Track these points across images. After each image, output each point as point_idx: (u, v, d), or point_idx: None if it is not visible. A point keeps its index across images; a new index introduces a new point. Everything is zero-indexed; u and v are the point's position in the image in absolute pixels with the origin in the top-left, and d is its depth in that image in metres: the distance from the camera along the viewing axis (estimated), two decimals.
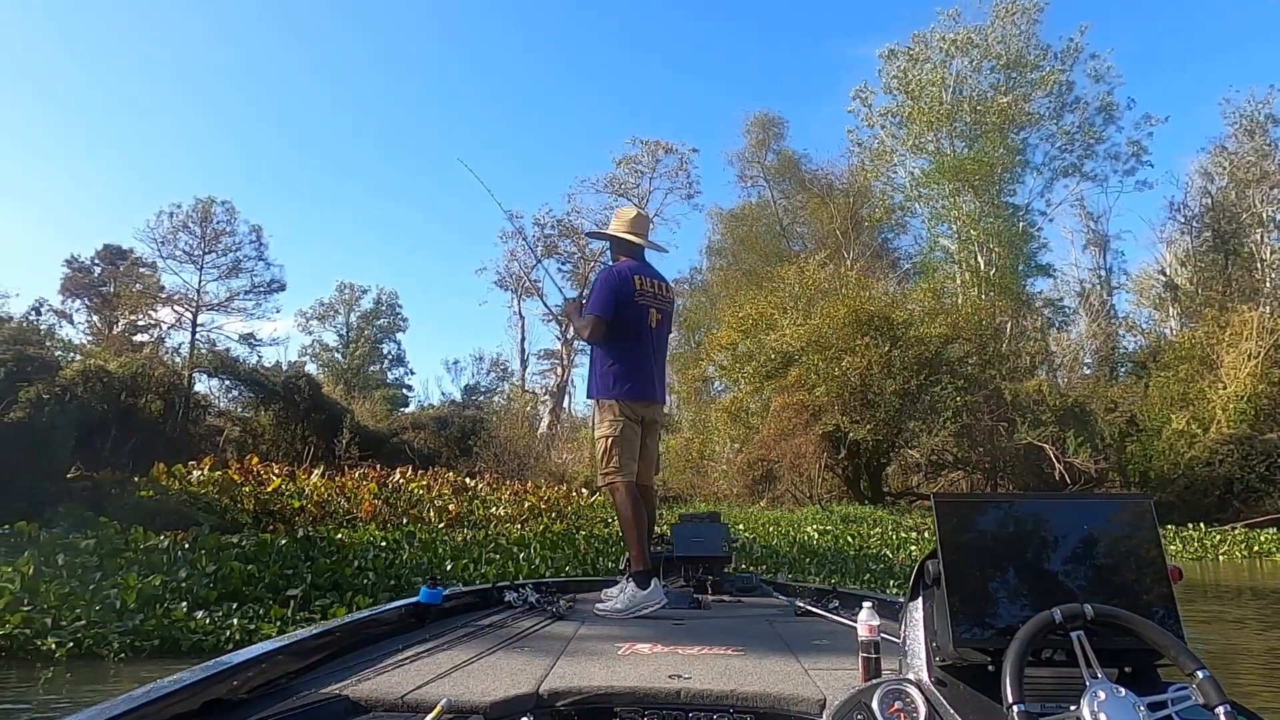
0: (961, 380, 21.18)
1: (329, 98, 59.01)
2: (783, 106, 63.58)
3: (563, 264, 36.53)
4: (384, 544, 9.13)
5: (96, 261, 30.93)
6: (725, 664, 2.13)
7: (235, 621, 5.75)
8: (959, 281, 28.86)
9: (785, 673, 2.03)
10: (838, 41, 56.59)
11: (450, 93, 59.88)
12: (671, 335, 4.43)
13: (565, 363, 38.01)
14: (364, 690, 1.80)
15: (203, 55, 52.85)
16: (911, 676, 1.56)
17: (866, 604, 1.82)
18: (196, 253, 25.19)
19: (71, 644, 5.11)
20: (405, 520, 12.13)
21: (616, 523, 12.22)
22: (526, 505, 14.27)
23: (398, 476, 15.19)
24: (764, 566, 9.05)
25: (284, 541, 8.54)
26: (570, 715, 1.83)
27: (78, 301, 30.40)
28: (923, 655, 1.54)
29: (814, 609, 3.15)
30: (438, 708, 1.53)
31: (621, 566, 3.81)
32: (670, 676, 1.95)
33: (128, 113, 51.85)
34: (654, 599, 3.25)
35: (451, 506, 13.26)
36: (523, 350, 39.49)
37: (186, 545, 7.84)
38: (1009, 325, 27.33)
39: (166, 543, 7.85)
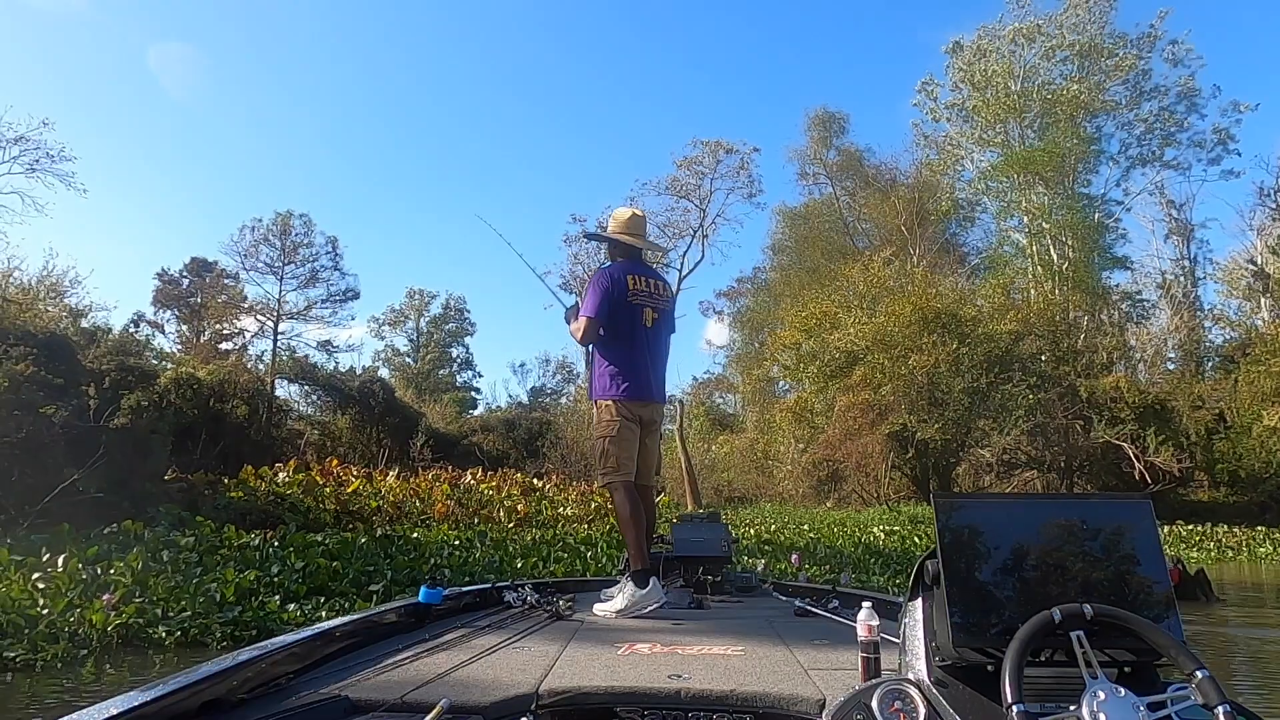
0: (1034, 378, 20.66)
1: (395, 113, 60.79)
2: (849, 102, 62.78)
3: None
4: (457, 543, 9.52)
5: (184, 274, 32.61)
6: (725, 664, 2.13)
7: (324, 614, 6.11)
8: (1030, 276, 28.05)
9: (785, 673, 2.03)
10: (907, 32, 55.50)
11: (514, 99, 60.99)
12: (733, 335, 4.46)
13: None
14: (363, 690, 1.79)
15: (277, 77, 55.17)
16: (911, 676, 1.55)
17: (866, 604, 1.82)
18: (277, 264, 26.28)
19: (179, 633, 5.55)
20: (476, 520, 12.56)
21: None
22: (593, 505, 14.55)
23: (469, 478, 15.66)
24: (827, 567, 9.09)
25: (364, 540, 9.01)
26: (570, 715, 1.83)
27: (168, 312, 32.11)
28: (922, 655, 1.54)
29: (814, 609, 3.13)
30: (437, 708, 1.50)
31: (620, 567, 3.80)
32: (670, 676, 1.95)
33: (211, 131, 54.45)
34: (653, 598, 3.24)
35: (520, 507, 13.63)
36: (587, 352, 39.98)
37: (276, 543, 8.35)
38: (1085, 320, 26.46)
39: (257, 541, 8.37)
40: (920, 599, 1.58)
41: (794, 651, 2.33)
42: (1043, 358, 21.83)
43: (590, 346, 3.86)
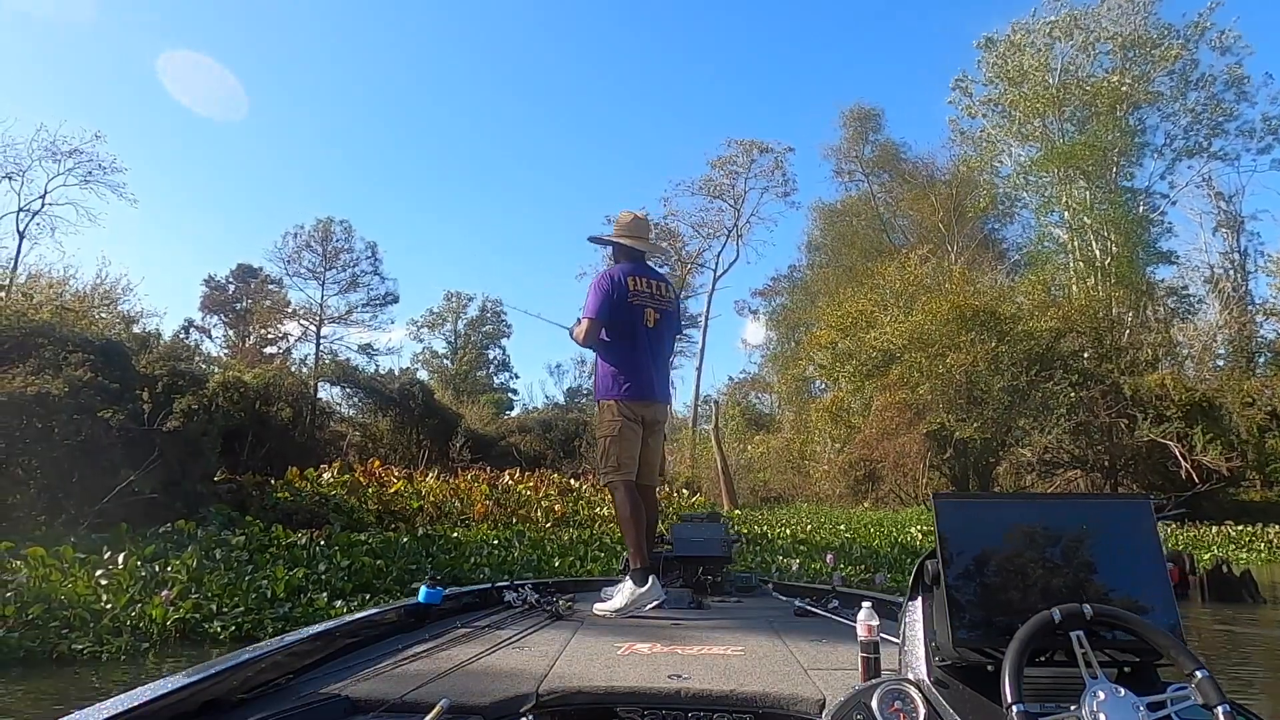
0: (1076, 375, 20.32)
1: (429, 118, 61.62)
2: (884, 97, 62.21)
3: (660, 267, 36.86)
4: (496, 542, 9.71)
5: (230, 280, 33.52)
6: (725, 664, 2.13)
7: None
8: (1072, 272, 27.54)
9: (785, 673, 2.03)
10: (942, 25, 54.81)
11: (549, 106, 61.47)
12: (769, 334, 4.37)
13: None
14: (363, 690, 1.79)
15: (316, 89, 56.28)
16: (911, 676, 1.56)
17: (866, 604, 1.82)
18: (319, 269, 26.89)
19: (233, 627, 5.78)
20: (514, 520, 12.76)
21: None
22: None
23: (506, 478, 15.87)
24: (862, 567, 9.09)
25: (406, 539, 9.24)
26: (570, 715, 1.83)
27: (215, 317, 33.03)
28: (922, 655, 1.55)
29: (814, 609, 3.12)
30: (437, 708, 1.50)
31: (621, 566, 3.83)
32: (670, 676, 1.95)
33: (256, 137, 55.76)
34: (652, 596, 3.24)
35: (557, 507, 13.79)
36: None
37: (322, 542, 8.60)
38: (1129, 316, 25.92)
39: (304, 540, 8.63)
40: (920, 599, 1.59)
41: (794, 651, 2.33)
42: (1085, 355, 21.46)
43: (591, 348, 3.87)
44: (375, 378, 26.07)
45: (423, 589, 2.89)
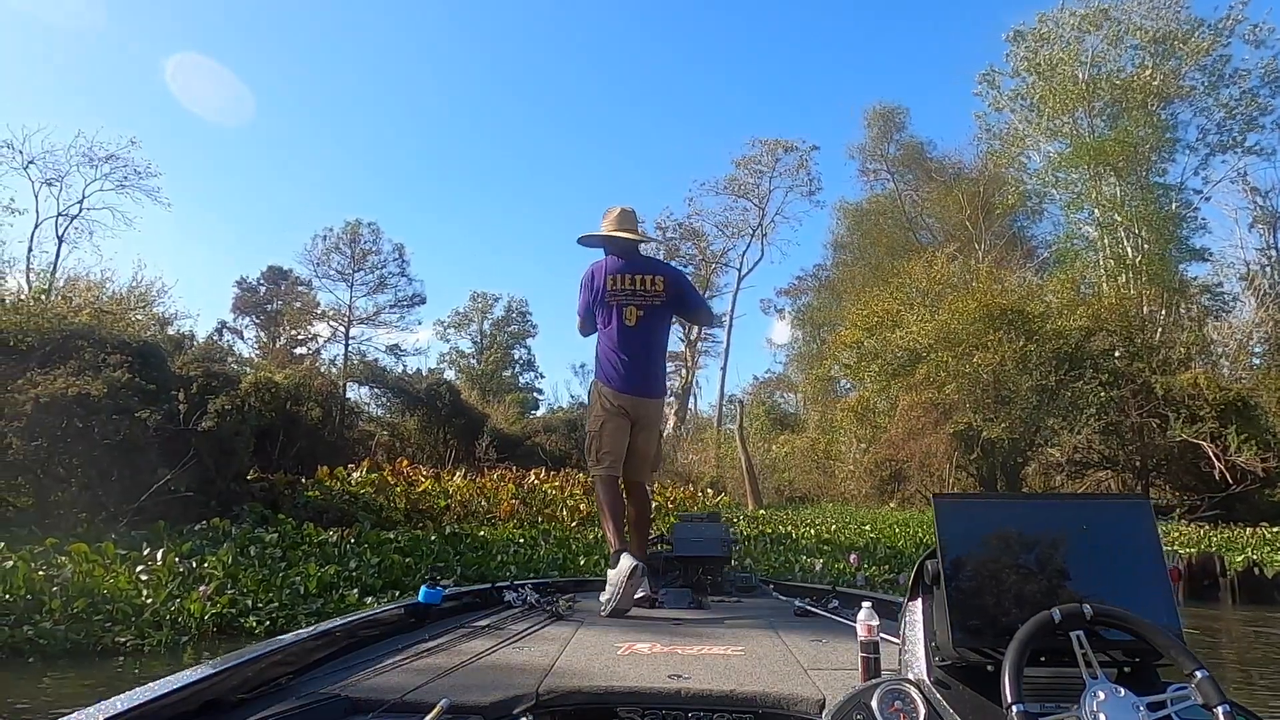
0: (1106, 374, 20.04)
1: (456, 119, 62.14)
2: (908, 95, 61.71)
3: (684, 267, 36.97)
4: (522, 541, 9.85)
5: (261, 282, 34.08)
6: (725, 664, 2.13)
7: None
8: (1102, 270, 27.16)
9: (785, 673, 2.03)
10: (966, 21, 54.25)
11: (571, 96, 61.73)
12: (794, 333, 4.31)
13: (690, 364, 38.47)
14: (363, 690, 1.79)
15: (342, 90, 56.99)
16: (911, 676, 1.56)
17: (866, 604, 1.82)
18: (347, 271, 27.21)
19: (268, 622, 5.95)
20: (540, 519, 12.89)
21: (741, 522, 12.44)
22: (654, 505, 14.73)
23: (532, 478, 16.02)
24: (886, 567, 9.09)
25: (434, 538, 9.40)
26: (570, 715, 1.82)
27: (246, 319, 33.60)
28: (922, 655, 1.55)
29: (814, 609, 3.12)
30: (437, 708, 1.50)
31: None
32: (670, 676, 1.95)
33: (285, 142, 56.61)
34: (623, 572, 3.22)
35: (583, 506, 13.90)
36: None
37: (352, 540, 8.80)
38: (1161, 314, 25.51)
39: (335, 537, 8.83)
40: (920, 599, 1.60)
41: (794, 651, 2.33)
42: (1115, 354, 21.13)
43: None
44: (403, 378, 26.34)
45: (423, 589, 2.91)
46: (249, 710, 1.63)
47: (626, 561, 3.26)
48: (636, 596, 3.29)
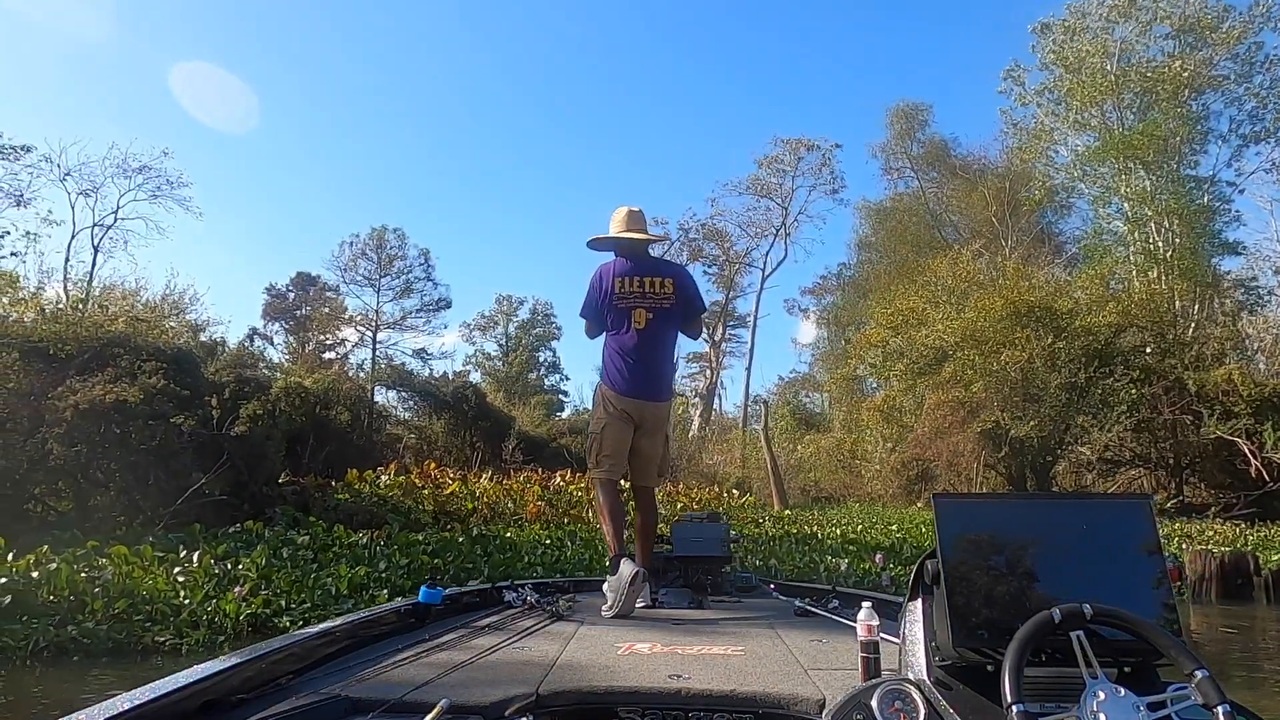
0: (1137, 371, 19.74)
1: (478, 128, 62.64)
2: (931, 91, 61.17)
3: (708, 267, 36.97)
4: (549, 542, 9.93)
5: (290, 288, 34.63)
6: (725, 664, 2.13)
7: None
8: (1132, 265, 26.72)
9: (785, 673, 2.03)
10: (988, 15, 53.68)
11: (593, 103, 61.95)
12: (819, 333, 4.24)
13: (715, 365, 38.44)
14: (363, 690, 1.79)
15: (365, 96, 57.68)
16: (911, 676, 1.56)
17: (866, 604, 1.82)
18: (374, 277, 27.57)
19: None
20: (566, 520, 12.98)
21: (766, 523, 12.41)
22: (679, 506, 14.79)
23: (558, 479, 16.11)
24: (912, 567, 9.04)
25: (461, 539, 9.52)
26: (570, 715, 1.82)
27: (276, 324, 34.14)
28: (922, 655, 1.55)
29: (814, 609, 3.12)
30: (437, 708, 1.50)
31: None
32: (670, 676, 1.95)
33: (312, 150, 57.45)
34: (625, 577, 3.18)
35: None
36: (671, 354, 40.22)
37: (382, 542, 8.94)
38: (1193, 309, 25.07)
39: (365, 539, 8.98)
40: (920, 599, 1.60)
41: (794, 651, 2.34)
42: (1146, 350, 20.83)
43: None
44: (430, 381, 26.61)
45: (422, 589, 2.91)
46: (249, 710, 1.65)
47: (627, 568, 3.23)
48: (639, 605, 3.27)
